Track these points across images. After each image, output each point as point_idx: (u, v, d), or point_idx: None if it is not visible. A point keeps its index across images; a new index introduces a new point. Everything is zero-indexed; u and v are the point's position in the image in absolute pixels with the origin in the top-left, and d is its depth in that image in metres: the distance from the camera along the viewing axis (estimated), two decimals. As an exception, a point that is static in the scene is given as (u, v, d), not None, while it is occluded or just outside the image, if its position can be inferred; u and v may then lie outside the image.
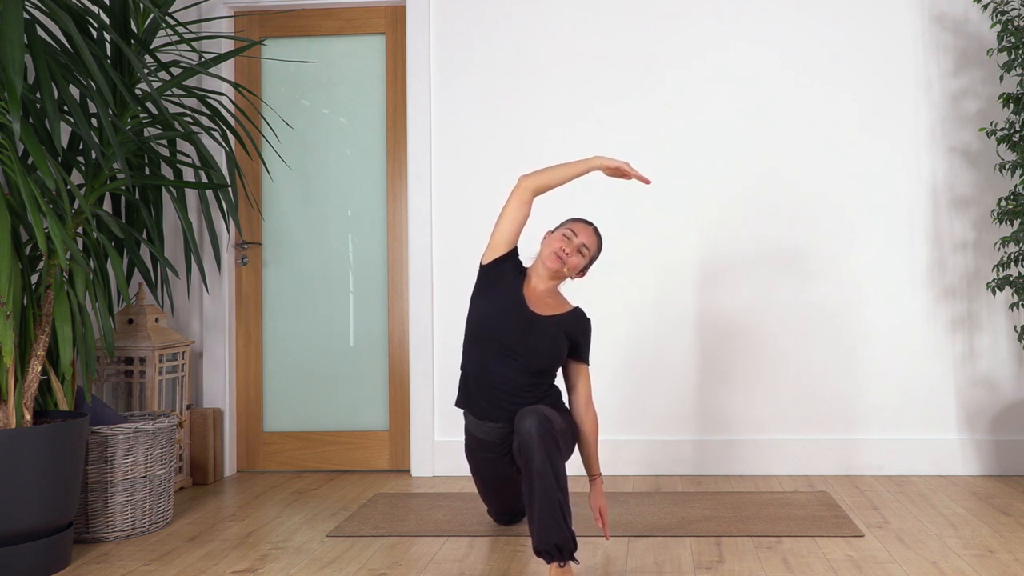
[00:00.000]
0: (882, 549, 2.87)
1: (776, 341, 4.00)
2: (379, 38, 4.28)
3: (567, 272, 2.94)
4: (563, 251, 2.91)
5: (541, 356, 2.86)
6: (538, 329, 2.88)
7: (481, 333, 2.90)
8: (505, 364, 2.86)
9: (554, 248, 2.91)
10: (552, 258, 2.91)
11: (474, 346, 2.92)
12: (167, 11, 3.42)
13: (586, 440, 2.94)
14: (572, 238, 2.94)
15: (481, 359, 2.89)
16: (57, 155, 3.06)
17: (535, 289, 2.97)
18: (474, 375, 2.91)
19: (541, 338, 2.87)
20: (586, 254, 2.96)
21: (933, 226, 3.97)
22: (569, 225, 2.98)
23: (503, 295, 2.92)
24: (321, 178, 4.29)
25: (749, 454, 3.98)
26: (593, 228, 2.99)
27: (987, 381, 3.93)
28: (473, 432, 2.97)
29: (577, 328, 2.94)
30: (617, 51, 4.08)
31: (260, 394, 4.28)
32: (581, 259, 2.95)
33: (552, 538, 2.47)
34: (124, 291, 3.16)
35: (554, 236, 2.95)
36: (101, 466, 3.13)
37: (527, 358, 2.85)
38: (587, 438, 2.94)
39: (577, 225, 2.97)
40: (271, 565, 2.82)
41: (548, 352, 2.87)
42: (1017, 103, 3.55)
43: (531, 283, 2.98)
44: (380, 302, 4.26)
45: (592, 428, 2.95)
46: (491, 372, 2.87)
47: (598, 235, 3.00)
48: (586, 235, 2.96)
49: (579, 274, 2.99)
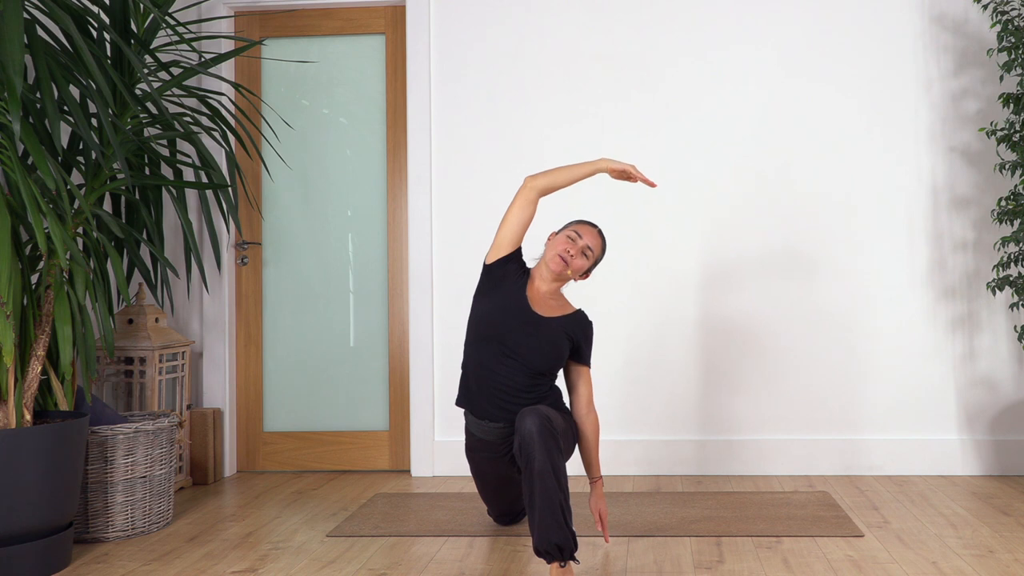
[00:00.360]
0: (882, 549, 2.87)
1: (776, 341, 4.00)
2: (379, 38, 4.28)
3: (571, 274, 2.93)
4: (567, 253, 2.90)
5: (542, 357, 2.86)
6: (540, 330, 2.87)
7: (483, 332, 2.89)
8: (506, 364, 2.86)
9: (558, 250, 2.90)
10: (556, 260, 2.90)
11: (475, 345, 2.91)
12: (167, 11, 3.42)
13: (587, 442, 2.94)
14: (576, 240, 2.93)
15: (482, 358, 2.89)
16: (57, 155, 3.06)
17: (538, 290, 2.96)
18: (475, 374, 2.91)
19: (543, 339, 2.86)
20: (590, 256, 2.95)
21: (933, 226, 3.97)
22: (574, 227, 2.97)
23: (506, 295, 2.92)
24: (321, 178, 4.29)
25: (749, 454, 3.98)
26: (598, 230, 2.99)
27: (987, 381, 3.93)
28: (473, 432, 2.97)
29: (579, 330, 2.94)
30: (617, 51, 4.08)
31: (260, 394, 4.28)
32: (585, 261, 2.94)
33: (553, 538, 2.47)
34: (124, 291, 3.16)
35: (558, 238, 2.94)
36: (101, 466, 3.13)
37: (528, 359, 2.85)
38: (588, 440, 2.94)
39: (582, 227, 2.97)
40: (271, 565, 2.82)
41: (549, 353, 2.86)
42: (1017, 103, 3.55)
43: (534, 284, 2.97)
44: (380, 302, 4.26)
45: (593, 430, 2.94)
46: (492, 372, 2.87)
47: (602, 237, 3.00)
48: (591, 237, 2.95)
49: (582, 276, 2.98)
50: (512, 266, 2.97)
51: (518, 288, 2.93)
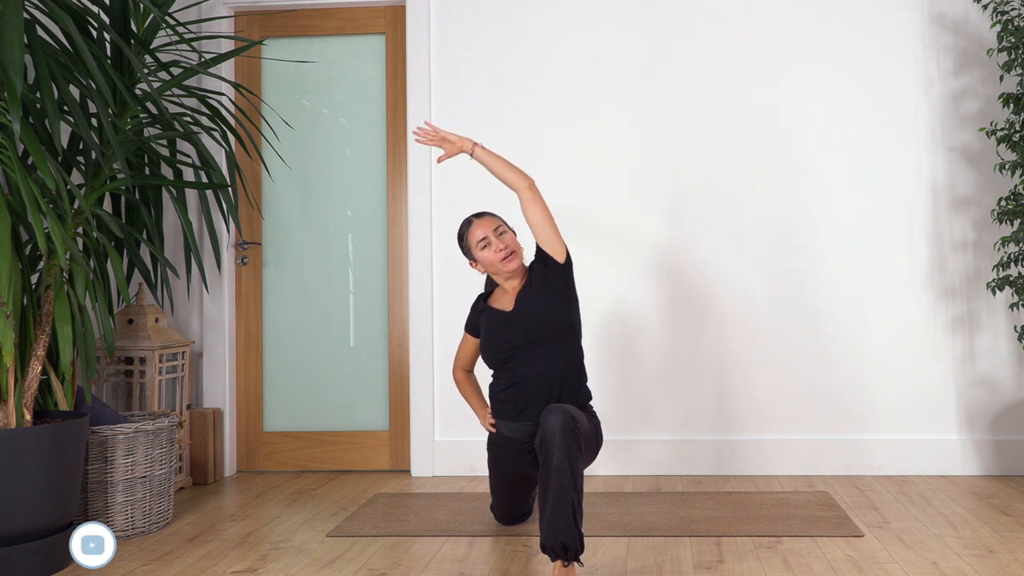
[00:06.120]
0: (882, 549, 2.87)
1: (776, 341, 4.00)
2: (379, 38, 4.28)
3: (518, 257, 3.03)
4: (501, 251, 3.00)
5: (550, 312, 2.95)
6: (526, 308, 2.98)
7: (497, 358, 3.01)
8: (532, 361, 2.94)
9: (494, 260, 3.01)
10: (503, 264, 3.00)
11: (498, 369, 3.03)
12: (167, 11, 3.42)
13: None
14: (491, 238, 3.02)
15: (510, 373, 2.99)
16: (57, 155, 3.06)
17: (508, 292, 3.08)
18: (512, 392, 2.98)
19: (535, 306, 2.97)
20: (505, 230, 3.05)
21: (933, 226, 3.97)
22: (474, 237, 3.04)
23: (490, 324, 3.05)
24: (321, 178, 4.29)
25: (749, 454, 3.98)
26: (483, 215, 3.08)
27: (987, 381, 3.93)
28: (501, 430, 3.05)
29: (538, 265, 3.03)
30: (618, 51, 4.08)
31: (260, 394, 4.28)
32: (508, 237, 3.04)
33: (560, 536, 2.47)
34: (124, 291, 3.16)
35: (482, 255, 3.03)
36: (101, 466, 3.13)
37: (543, 333, 2.94)
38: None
39: (476, 230, 3.05)
40: (271, 565, 2.82)
41: (549, 302, 2.97)
42: (1017, 103, 3.54)
43: (504, 294, 3.10)
44: (380, 302, 4.26)
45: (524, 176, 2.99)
46: (523, 376, 2.95)
47: (487, 213, 3.11)
48: (489, 225, 3.04)
49: (518, 246, 3.05)
50: (479, 315, 3.12)
51: (492, 313, 3.06)
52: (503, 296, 3.09)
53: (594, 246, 4.03)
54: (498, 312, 3.05)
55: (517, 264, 3.03)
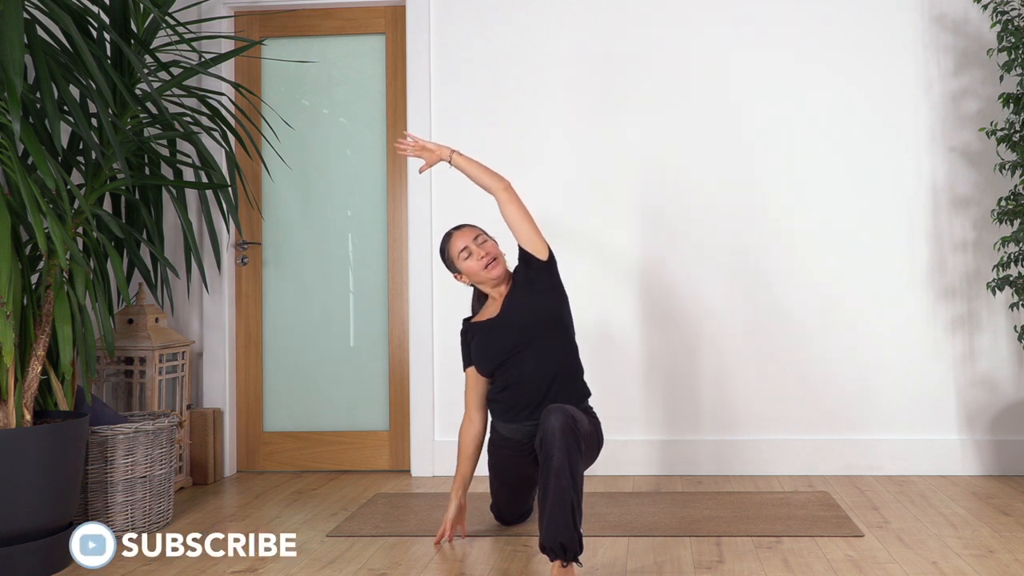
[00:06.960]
0: (882, 549, 2.87)
1: (776, 341, 4.00)
2: (379, 38, 4.28)
3: (501, 264, 3.04)
4: (484, 259, 3.02)
5: (538, 312, 2.98)
6: (514, 311, 3.00)
7: (492, 366, 3.01)
8: (526, 362, 2.95)
9: (478, 270, 3.02)
10: (486, 274, 3.02)
11: (497, 377, 3.03)
12: (167, 11, 3.42)
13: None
14: (472, 247, 3.03)
15: (505, 377, 2.99)
16: (57, 155, 3.06)
17: (496, 299, 3.09)
18: (508, 392, 2.99)
19: (522, 308, 2.99)
20: (485, 239, 3.07)
21: (933, 226, 3.97)
22: (456, 250, 3.05)
23: (481, 336, 3.05)
24: (321, 178, 4.29)
25: (749, 454, 3.98)
26: (462, 227, 3.10)
27: (987, 381, 3.93)
28: (501, 431, 3.05)
29: (521, 265, 3.05)
30: (618, 52, 4.08)
31: (260, 394, 4.28)
32: (491, 244, 3.06)
33: (559, 536, 2.48)
34: (124, 291, 3.16)
35: (466, 266, 3.04)
36: (101, 466, 3.13)
37: (534, 333, 2.95)
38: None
39: (456, 241, 3.07)
40: (271, 565, 2.82)
41: (535, 302, 2.98)
42: (1017, 103, 3.54)
43: (491, 304, 3.11)
44: (380, 302, 4.26)
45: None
46: (521, 380, 2.96)
47: (467, 224, 3.13)
48: (468, 235, 3.07)
49: (499, 252, 3.07)
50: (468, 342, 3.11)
51: (483, 327, 3.06)
52: (491, 306, 3.12)
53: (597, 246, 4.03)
54: (486, 322, 3.07)
55: (500, 270, 3.04)
